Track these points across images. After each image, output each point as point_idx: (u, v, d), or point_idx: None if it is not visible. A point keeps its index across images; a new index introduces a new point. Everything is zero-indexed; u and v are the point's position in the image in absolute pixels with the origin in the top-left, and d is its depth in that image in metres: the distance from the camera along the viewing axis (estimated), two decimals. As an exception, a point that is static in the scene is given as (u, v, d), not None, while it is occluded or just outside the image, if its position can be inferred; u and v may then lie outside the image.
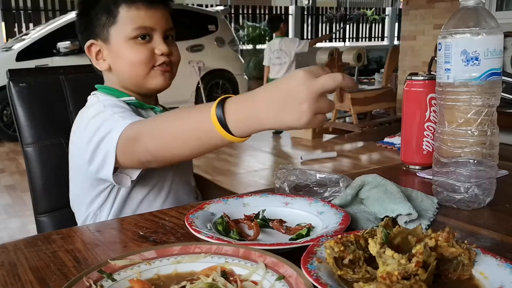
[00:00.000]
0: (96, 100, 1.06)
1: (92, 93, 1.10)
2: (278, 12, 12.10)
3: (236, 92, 7.01)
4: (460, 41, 0.84)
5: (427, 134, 1.11)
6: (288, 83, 0.66)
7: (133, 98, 1.07)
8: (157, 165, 0.93)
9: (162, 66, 1.06)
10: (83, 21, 1.09)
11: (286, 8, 12.24)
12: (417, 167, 1.15)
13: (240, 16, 11.77)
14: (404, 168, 1.18)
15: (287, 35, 6.02)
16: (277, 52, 5.71)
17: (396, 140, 5.01)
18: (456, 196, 0.88)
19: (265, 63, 5.90)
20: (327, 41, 11.87)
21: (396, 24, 13.30)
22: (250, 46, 10.76)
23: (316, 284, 0.53)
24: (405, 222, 0.78)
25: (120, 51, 1.04)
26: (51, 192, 1.22)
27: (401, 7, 9.82)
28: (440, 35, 0.87)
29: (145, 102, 1.11)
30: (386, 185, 0.84)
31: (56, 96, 1.24)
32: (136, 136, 0.87)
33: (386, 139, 5.20)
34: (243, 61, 7.60)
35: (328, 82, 0.64)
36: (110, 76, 1.10)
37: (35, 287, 0.61)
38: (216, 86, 7.17)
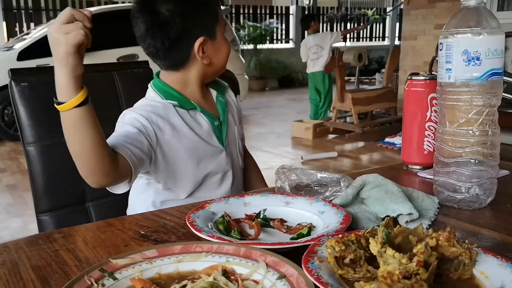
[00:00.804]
0: (148, 91, 1.17)
1: (150, 84, 1.18)
2: (279, 12, 12.09)
3: (236, 92, 6.99)
4: (461, 41, 0.84)
5: (428, 134, 1.11)
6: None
7: (175, 102, 1.13)
8: (102, 171, 0.93)
9: None
10: (181, 19, 1.08)
11: (287, 8, 12.21)
12: (418, 167, 1.15)
13: (241, 15, 11.75)
14: (405, 168, 1.18)
15: (318, 31, 6.31)
16: (313, 48, 6.08)
17: (397, 140, 5.00)
18: (457, 196, 0.88)
19: (303, 60, 6.30)
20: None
21: (397, 24, 13.28)
22: (251, 46, 10.75)
23: (317, 284, 0.53)
24: (406, 222, 0.78)
25: (221, 45, 1.16)
26: (52, 191, 1.22)
27: (402, 7, 9.81)
28: (441, 35, 0.87)
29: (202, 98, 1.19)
30: (387, 185, 0.84)
31: (58, 96, 1.24)
32: None
33: (387, 139, 5.20)
34: (244, 61, 7.59)
35: (61, 15, 0.82)
36: (187, 72, 1.14)
37: (36, 286, 0.61)
38: (217, 86, 7.15)
